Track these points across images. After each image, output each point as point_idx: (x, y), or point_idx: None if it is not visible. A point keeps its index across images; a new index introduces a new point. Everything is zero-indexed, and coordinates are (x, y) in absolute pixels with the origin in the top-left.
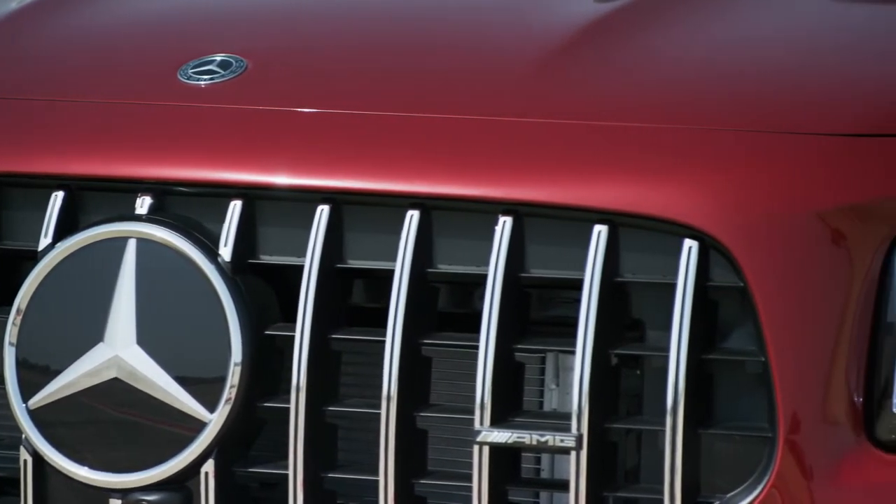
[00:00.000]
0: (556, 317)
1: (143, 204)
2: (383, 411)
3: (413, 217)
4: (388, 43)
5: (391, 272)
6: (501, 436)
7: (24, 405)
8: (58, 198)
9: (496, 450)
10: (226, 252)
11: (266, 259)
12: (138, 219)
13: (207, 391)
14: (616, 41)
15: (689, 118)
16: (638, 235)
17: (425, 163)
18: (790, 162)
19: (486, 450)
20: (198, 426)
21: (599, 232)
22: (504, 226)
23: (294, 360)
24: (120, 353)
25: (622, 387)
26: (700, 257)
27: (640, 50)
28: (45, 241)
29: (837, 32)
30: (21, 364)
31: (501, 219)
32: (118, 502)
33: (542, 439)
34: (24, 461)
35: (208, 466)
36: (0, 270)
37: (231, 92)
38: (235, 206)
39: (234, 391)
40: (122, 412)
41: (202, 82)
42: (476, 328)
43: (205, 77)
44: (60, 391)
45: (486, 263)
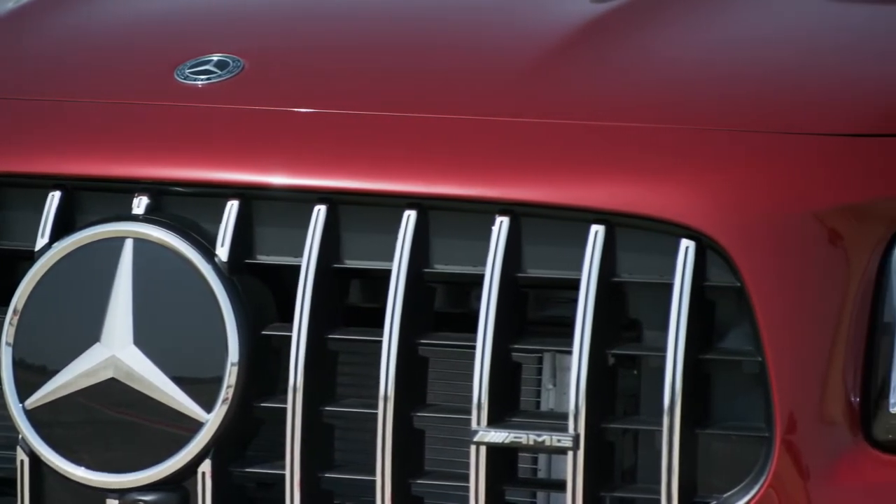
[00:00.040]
0: (553, 317)
1: (139, 204)
2: (380, 411)
3: (410, 217)
4: (384, 43)
5: (388, 272)
6: (498, 436)
7: (20, 405)
8: (54, 198)
9: (493, 450)
10: (222, 252)
11: (263, 259)
12: (135, 219)
13: (204, 391)
14: (613, 41)
15: (686, 118)
16: (635, 235)
17: (422, 163)
18: (787, 162)
19: (483, 450)
20: (195, 426)
21: (596, 232)
22: (501, 226)
23: (291, 360)
24: (117, 353)
25: (619, 387)
26: (697, 257)
27: (637, 50)
28: (41, 241)
29: (834, 33)
30: (18, 364)
31: (498, 219)
32: (115, 502)
33: (539, 439)
34: (21, 461)
35: (205, 466)
36: None
37: (228, 92)
38: (232, 206)
39: (231, 391)
40: (119, 412)
41: (199, 82)
42: (473, 328)
43: (202, 77)
44: (57, 391)
45: (483, 263)
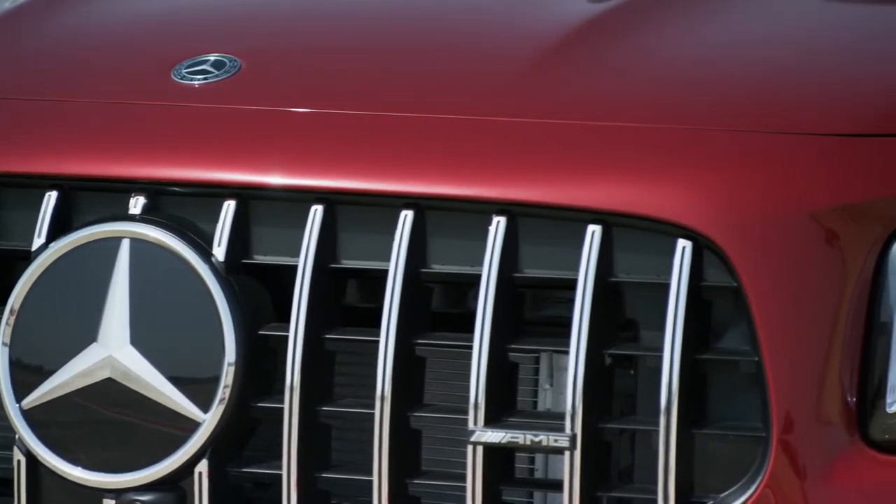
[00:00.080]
0: (550, 317)
1: (136, 204)
2: (377, 411)
3: (407, 217)
4: (381, 43)
5: (385, 272)
6: (495, 436)
7: (17, 405)
8: (51, 198)
9: (490, 450)
10: (219, 252)
11: (260, 259)
12: (132, 219)
13: (201, 391)
14: (610, 41)
15: (683, 118)
16: (632, 235)
17: (419, 163)
18: (784, 162)
19: (479, 450)
20: (191, 426)
21: (593, 232)
22: (498, 226)
23: (288, 360)
24: (114, 353)
25: (616, 387)
26: (694, 257)
27: (634, 50)
28: (38, 241)
29: (831, 33)
30: (14, 364)
31: (495, 219)
32: (112, 502)
33: (536, 439)
34: (18, 461)
35: (202, 466)
36: None
37: (225, 92)
38: (229, 206)
39: (228, 391)
40: (116, 412)
41: (196, 82)
42: (470, 328)
43: (198, 77)
44: (54, 391)
45: (480, 263)
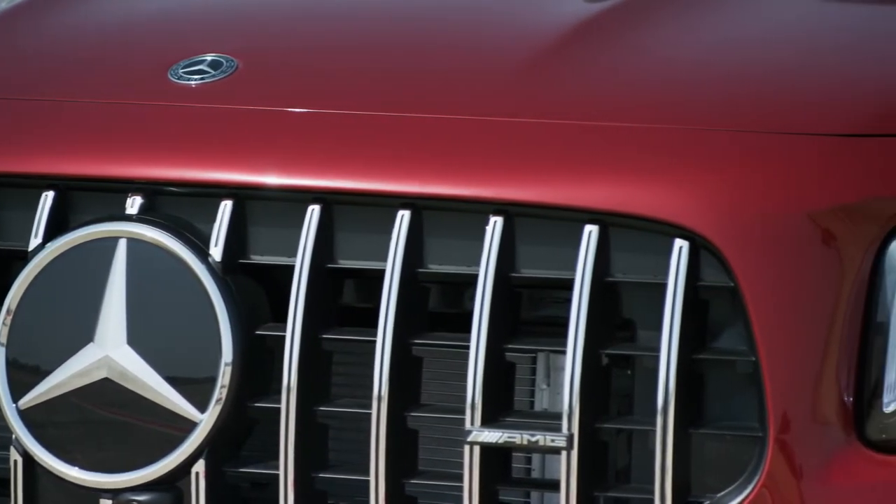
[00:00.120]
0: (546, 317)
1: (133, 204)
2: (374, 411)
3: (404, 217)
4: (378, 43)
5: (382, 272)
6: (492, 436)
7: (14, 405)
8: (48, 198)
9: (487, 450)
10: (216, 252)
11: (257, 259)
12: (129, 219)
13: (198, 391)
14: (607, 41)
15: (680, 118)
16: (628, 235)
17: (416, 163)
18: (781, 162)
19: (476, 450)
20: (188, 426)
21: (590, 232)
22: (495, 226)
23: (285, 360)
24: (110, 353)
25: (613, 387)
26: (690, 257)
27: (631, 50)
28: (35, 242)
29: (829, 33)
30: (11, 364)
31: (492, 219)
32: (109, 502)
33: (533, 439)
34: (15, 461)
35: (199, 466)
36: None
37: (222, 92)
38: (226, 206)
39: (225, 391)
40: (113, 412)
41: (193, 82)
42: (467, 328)
43: (195, 77)
44: (51, 391)
45: (477, 263)
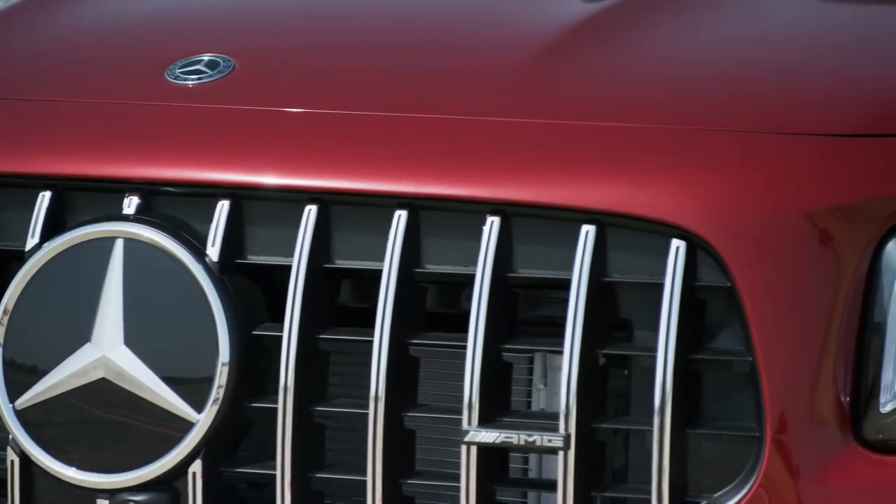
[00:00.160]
0: (543, 317)
1: (130, 204)
2: (371, 411)
3: (401, 217)
4: (376, 43)
5: (379, 272)
6: (489, 436)
7: (11, 405)
8: (45, 198)
9: (484, 450)
10: (213, 252)
11: (254, 259)
12: (126, 219)
13: (195, 391)
14: (605, 41)
15: (676, 118)
16: (625, 235)
17: (413, 163)
18: (777, 162)
19: (473, 450)
20: (185, 426)
21: (587, 232)
22: (492, 226)
23: (282, 360)
24: (107, 353)
25: (610, 387)
26: (688, 257)
27: (628, 50)
28: (32, 242)
29: (827, 33)
30: (8, 364)
31: (489, 219)
32: (105, 502)
33: (530, 439)
34: (11, 462)
35: (196, 466)
36: None
37: (218, 92)
38: (223, 206)
39: (222, 391)
40: (110, 412)
41: (190, 82)
42: (464, 328)
43: (192, 77)
44: (48, 391)
45: (474, 263)
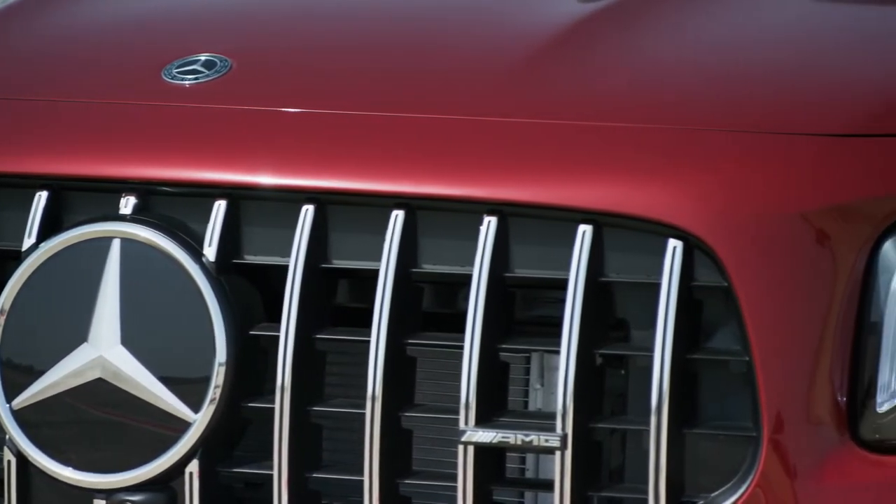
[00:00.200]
0: (540, 317)
1: (127, 204)
2: (368, 411)
3: (398, 217)
4: (372, 43)
5: (376, 272)
6: (486, 436)
7: (7, 405)
8: (41, 198)
9: (481, 450)
10: (210, 252)
11: (251, 259)
12: (122, 219)
13: (192, 391)
14: (602, 41)
15: (673, 118)
16: (622, 235)
17: (410, 163)
18: (774, 162)
19: (470, 449)
20: (182, 426)
21: (584, 232)
22: (489, 226)
23: (279, 360)
24: (104, 353)
25: (607, 386)
26: (684, 257)
27: (625, 50)
28: (28, 242)
29: (823, 33)
30: (5, 364)
31: (486, 219)
32: (102, 503)
33: (527, 439)
34: (8, 462)
35: (193, 466)
36: None
37: (215, 92)
38: (220, 206)
39: (219, 391)
40: (107, 412)
41: (186, 82)
42: (461, 328)
43: (189, 77)
44: (44, 391)
45: (471, 263)
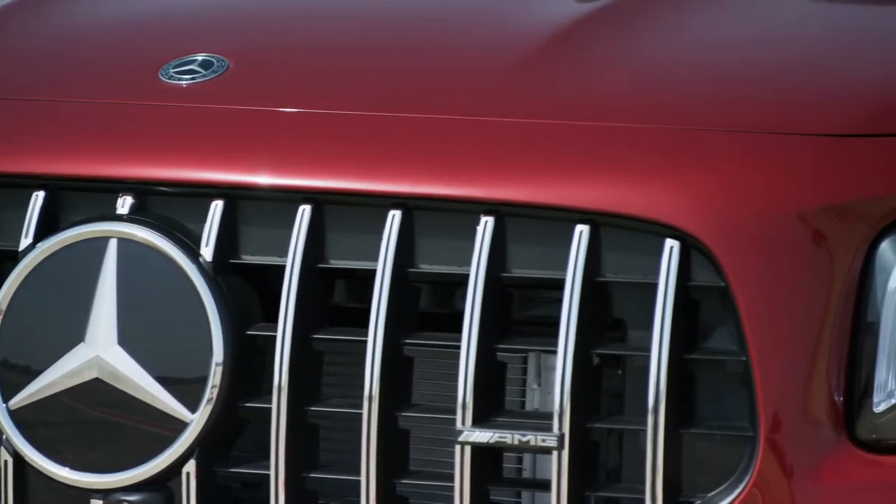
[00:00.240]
0: (538, 316)
1: (124, 204)
2: (365, 411)
3: (395, 217)
4: (369, 43)
5: (373, 272)
6: (483, 436)
7: (4, 405)
8: (38, 198)
9: (478, 450)
10: (207, 252)
11: (248, 259)
12: (119, 219)
13: (189, 391)
14: (600, 41)
15: (671, 118)
16: (619, 235)
17: (407, 162)
18: (771, 162)
19: (467, 450)
20: (179, 426)
21: (581, 232)
22: (486, 226)
23: (276, 360)
24: (101, 353)
25: (604, 386)
26: (681, 257)
27: (623, 50)
28: (25, 242)
29: (822, 33)
30: (2, 364)
31: (483, 219)
32: (99, 503)
33: (524, 439)
34: (5, 462)
35: (190, 466)
36: None
37: (212, 92)
38: (217, 206)
39: (216, 391)
40: (104, 412)
41: (183, 82)
42: (458, 328)
43: (186, 77)
44: (41, 391)
45: (469, 263)
